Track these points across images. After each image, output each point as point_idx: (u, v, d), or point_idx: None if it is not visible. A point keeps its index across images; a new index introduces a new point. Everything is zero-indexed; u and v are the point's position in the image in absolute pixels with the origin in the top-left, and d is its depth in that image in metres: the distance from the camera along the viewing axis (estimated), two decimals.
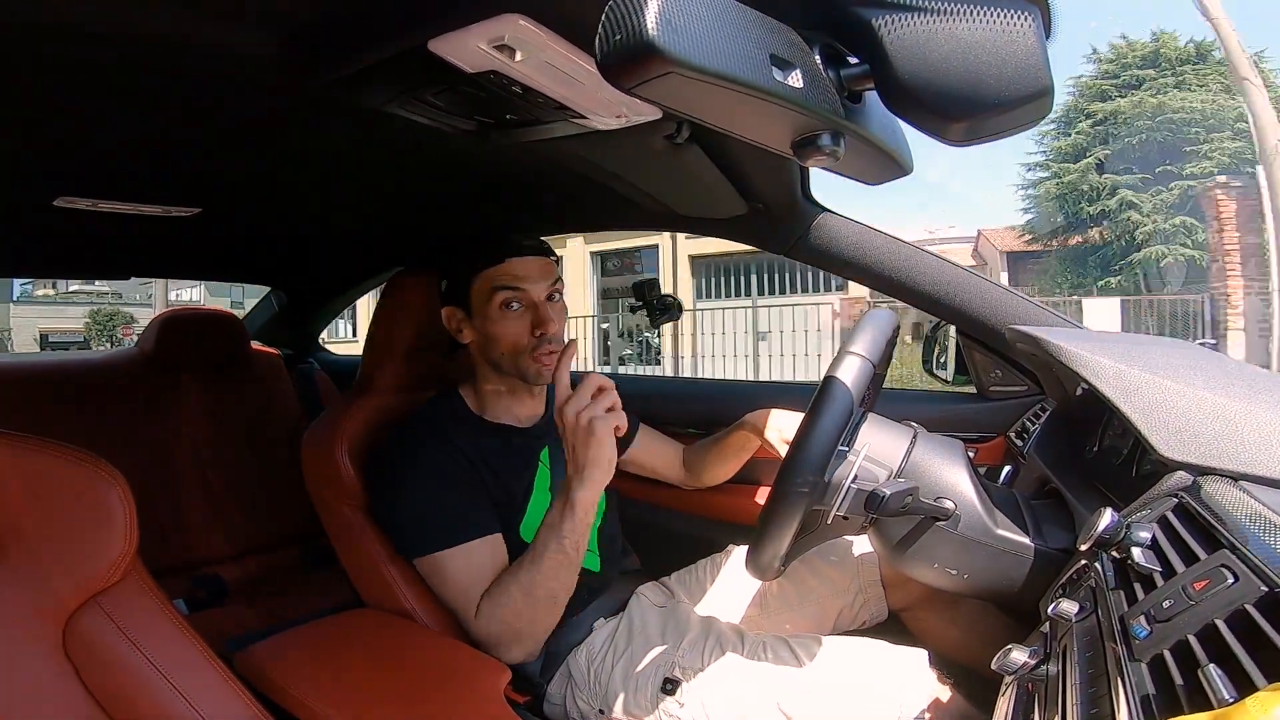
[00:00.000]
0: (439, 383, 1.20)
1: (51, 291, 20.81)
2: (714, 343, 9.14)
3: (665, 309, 1.50)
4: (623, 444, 1.33)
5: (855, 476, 0.84)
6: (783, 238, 1.25)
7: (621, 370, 9.76)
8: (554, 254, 1.12)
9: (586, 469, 0.93)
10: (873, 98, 0.50)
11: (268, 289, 2.21)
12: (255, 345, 1.92)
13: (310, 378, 2.04)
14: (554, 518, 0.95)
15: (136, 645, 0.64)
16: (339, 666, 0.96)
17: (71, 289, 20.94)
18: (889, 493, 0.79)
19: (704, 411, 1.58)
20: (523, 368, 1.07)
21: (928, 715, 0.92)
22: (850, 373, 0.85)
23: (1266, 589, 0.44)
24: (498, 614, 0.99)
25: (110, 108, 0.79)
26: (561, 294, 1.11)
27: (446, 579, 1.03)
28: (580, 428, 0.92)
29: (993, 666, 0.63)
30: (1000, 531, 0.83)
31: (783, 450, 1.11)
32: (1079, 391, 1.08)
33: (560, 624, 1.05)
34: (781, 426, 1.18)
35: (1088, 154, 11.93)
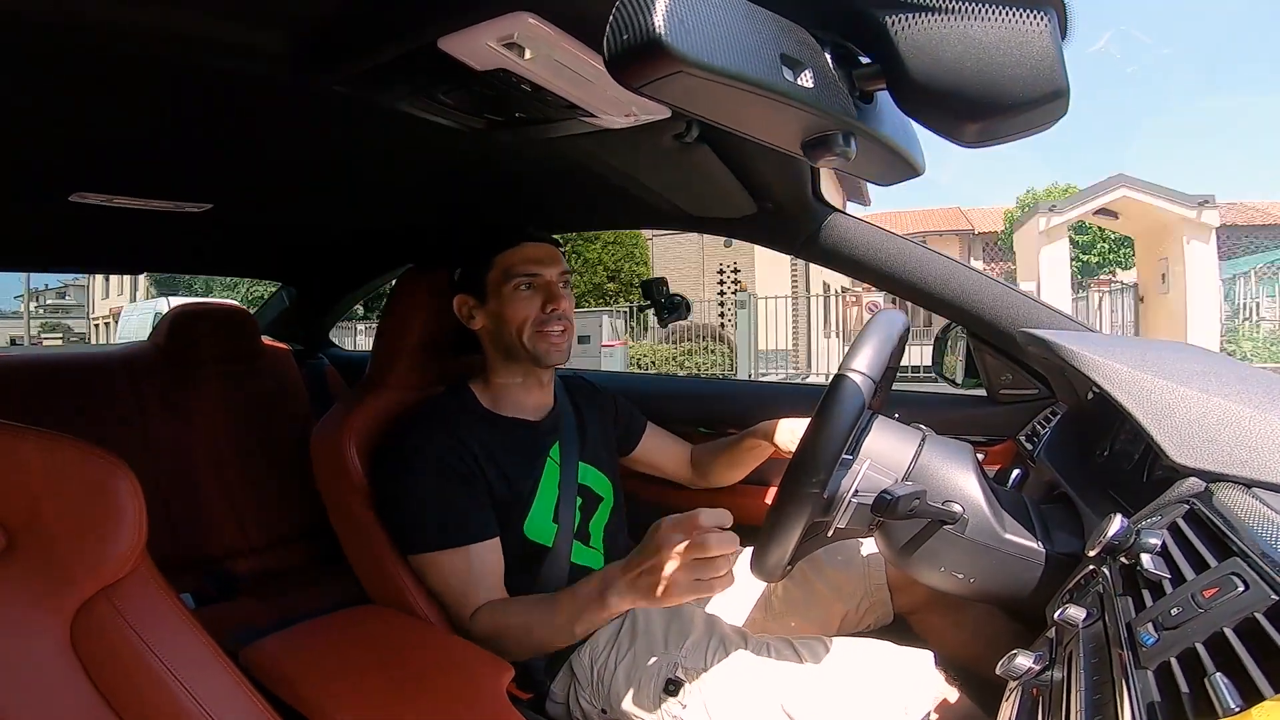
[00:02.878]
0: (449, 379, 1.21)
1: (34, 305, 26.67)
2: None
3: (674, 307, 1.50)
4: (628, 445, 1.33)
5: (857, 490, 0.84)
6: (792, 237, 1.25)
7: None
8: (562, 246, 1.15)
9: (642, 600, 0.88)
10: (884, 98, 0.50)
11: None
12: (266, 340, 1.93)
13: (320, 373, 2.05)
14: (585, 604, 0.93)
15: (143, 639, 0.64)
16: (344, 663, 0.96)
17: (48, 303, 29.22)
18: (897, 495, 0.79)
19: (710, 410, 1.57)
20: (533, 344, 1.09)
21: (935, 716, 0.92)
22: (859, 373, 0.85)
23: (1277, 598, 0.43)
24: (492, 631, 1.00)
25: (124, 105, 0.79)
26: (570, 283, 1.14)
27: (440, 578, 1.04)
28: (679, 582, 0.84)
29: (997, 671, 0.63)
30: (1008, 536, 0.83)
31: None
32: (1090, 396, 1.07)
33: None
34: (794, 429, 1.18)
35: None
